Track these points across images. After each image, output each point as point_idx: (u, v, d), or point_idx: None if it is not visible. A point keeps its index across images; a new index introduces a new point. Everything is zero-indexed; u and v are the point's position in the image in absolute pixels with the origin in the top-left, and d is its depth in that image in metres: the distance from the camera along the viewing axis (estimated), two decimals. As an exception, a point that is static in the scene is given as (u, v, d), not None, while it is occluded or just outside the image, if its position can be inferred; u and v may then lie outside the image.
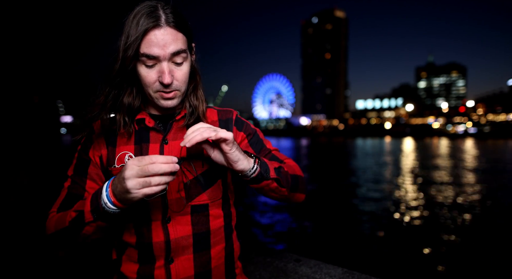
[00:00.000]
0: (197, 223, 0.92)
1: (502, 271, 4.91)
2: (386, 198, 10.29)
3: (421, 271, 4.94)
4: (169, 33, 0.82)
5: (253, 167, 0.84)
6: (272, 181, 0.88)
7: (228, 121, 1.03)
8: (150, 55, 0.81)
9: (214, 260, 0.95)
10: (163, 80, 0.83)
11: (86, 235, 0.80)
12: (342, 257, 5.46)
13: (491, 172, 16.40)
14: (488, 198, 10.13)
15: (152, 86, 0.86)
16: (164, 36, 0.81)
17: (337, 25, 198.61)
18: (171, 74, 0.85)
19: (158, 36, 0.81)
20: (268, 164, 0.89)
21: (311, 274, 1.33)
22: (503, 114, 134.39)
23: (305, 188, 1.03)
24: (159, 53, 0.81)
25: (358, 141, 68.45)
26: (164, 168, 0.68)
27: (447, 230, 6.88)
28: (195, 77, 0.97)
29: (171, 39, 0.82)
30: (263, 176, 0.86)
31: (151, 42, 0.80)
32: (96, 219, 0.75)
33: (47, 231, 0.87)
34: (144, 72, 0.84)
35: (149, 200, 0.86)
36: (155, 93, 0.87)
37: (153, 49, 0.81)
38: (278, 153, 1.06)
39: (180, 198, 0.90)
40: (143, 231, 0.90)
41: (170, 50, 0.82)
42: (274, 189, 0.90)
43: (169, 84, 0.84)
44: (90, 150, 0.94)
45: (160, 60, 0.83)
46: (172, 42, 0.82)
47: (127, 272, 0.92)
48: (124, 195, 0.70)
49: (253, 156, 0.85)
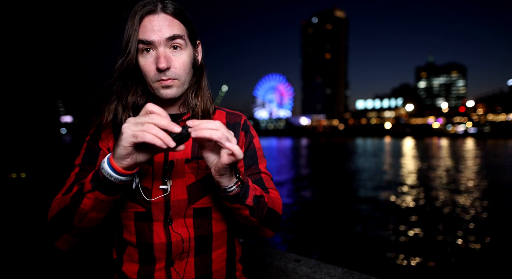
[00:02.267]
0: (199, 226, 0.91)
1: (502, 271, 4.91)
2: (386, 198, 10.29)
3: (421, 271, 4.94)
4: (164, 19, 0.83)
5: (231, 186, 0.78)
6: (245, 208, 0.83)
7: (236, 126, 1.01)
8: (145, 40, 0.82)
9: (215, 263, 0.94)
10: (158, 65, 0.83)
11: (82, 213, 0.76)
12: (342, 257, 5.46)
13: (491, 172, 16.41)
14: (488, 198, 10.14)
15: (151, 75, 0.86)
16: (159, 21, 0.82)
17: (337, 25, 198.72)
18: (167, 60, 0.84)
19: (153, 22, 0.82)
20: (250, 189, 0.83)
21: (311, 274, 1.33)
22: (503, 114, 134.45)
23: (278, 225, 0.97)
24: (154, 38, 0.82)
25: (358, 141, 68.47)
26: (160, 120, 0.64)
27: (447, 230, 6.88)
28: (199, 75, 0.97)
29: (166, 25, 0.83)
30: (238, 199, 0.81)
31: (146, 28, 0.82)
32: (95, 187, 0.73)
33: (48, 217, 0.84)
34: (142, 61, 0.85)
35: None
36: (155, 83, 0.87)
37: (148, 34, 0.82)
38: (267, 178, 1.02)
39: (183, 200, 0.89)
40: (144, 230, 0.89)
41: (165, 35, 0.82)
42: (243, 216, 0.85)
43: (165, 69, 0.83)
44: (100, 141, 0.94)
45: (156, 46, 0.83)
46: (168, 27, 0.83)
47: (128, 272, 0.91)
48: (119, 149, 0.67)
49: (238, 176, 0.80)
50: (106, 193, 0.74)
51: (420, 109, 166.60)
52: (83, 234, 0.82)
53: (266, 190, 0.98)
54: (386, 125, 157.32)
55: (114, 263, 0.96)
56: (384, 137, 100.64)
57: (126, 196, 0.88)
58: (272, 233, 0.97)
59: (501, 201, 9.62)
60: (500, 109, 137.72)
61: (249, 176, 0.99)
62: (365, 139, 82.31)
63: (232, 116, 1.03)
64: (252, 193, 0.84)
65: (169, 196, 0.88)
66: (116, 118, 0.91)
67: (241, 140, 1.00)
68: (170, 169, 0.90)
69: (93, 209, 0.76)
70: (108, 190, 0.74)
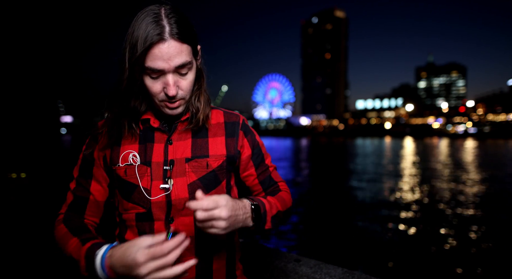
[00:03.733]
0: None
1: (502, 272, 4.91)
2: (386, 198, 10.30)
3: (421, 271, 4.94)
4: (173, 46, 0.81)
5: (250, 228, 0.86)
6: (264, 231, 0.90)
7: (235, 125, 1.03)
8: (155, 69, 0.81)
9: (215, 262, 0.95)
10: (168, 92, 0.84)
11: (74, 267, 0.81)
12: (342, 257, 5.46)
13: (491, 172, 16.41)
14: (488, 198, 10.14)
15: (158, 96, 0.86)
16: (168, 50, 0.81)
17: (337, 25, 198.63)
18: (176, 85, 0.85)
19: (162, 50, 0.80)
20: (267, 213, 0.89)
21: (311, 274, 1.33)
22: (503, 114, 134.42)
23: (290, 216, 1.06)
24: (163, 66, 0.81)
25: (358, 141, 68.45)
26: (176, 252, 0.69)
27: (447, 230, 6.88)
28: (200, 80, 0.97)
29: (176, 52, 0.82)
30: (258, 229, 0.88)
31: (155, 56, 0.80)
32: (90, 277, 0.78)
33: (55, 235, 0.91)
34: (149, 83, 0.85)
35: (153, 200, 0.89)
36: (161, 102, 0.88)
37: (157, 62, 0.81)
38: (274, 172, 1.08)
39: (184, 199, 0.90)
40: (145, 230, 0.90)
41: (175, 64, 0.82)
42: (259, 232, 0.91)
43: (174, 96, 0.85)
44: (95, 150, 0.95)
45: (164, 73, 0.83)
46: (177, 55, 0.82)
47: None
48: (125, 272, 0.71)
49: (254, 217, 0.85)
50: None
51: (420, 109, 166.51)
52: None
53: (276, 185, 1.05)
54: (386, 125, 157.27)
55: None
56: (384, 137, 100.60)
57: (127, 198, 0.90)
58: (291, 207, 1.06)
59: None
60: (500, 109, 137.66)
61: (259, 174, 1.04)
62: (365, 139, 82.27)
63: (230, 115, 1.05)
64: (269, 216, 0.89)
65: (171, 195, 0.90)
66: (114, 121, 0.91)
67: (240, 139, 1.02)
68: (171, 168, 0.91)
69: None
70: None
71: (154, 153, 0.92)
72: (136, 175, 0.90)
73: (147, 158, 0.91)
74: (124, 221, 0.93)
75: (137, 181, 0.89)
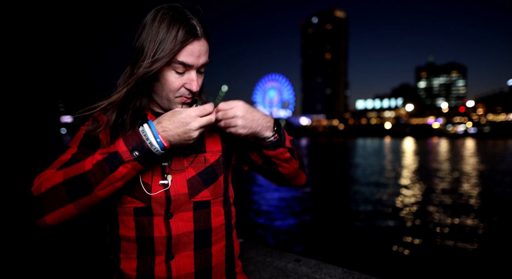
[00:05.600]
0: (198, 219, 0.93)
1: (502, 272, 4.91)
2: (386, 198, 10.29)
3: (420, 271, 4.94)
4: (203, 45, 0.87)
5: (270, 136, 0.90)
6: (287, 150, 0.93)
7: None
8: (187, 64, 0.85)
9: (214, 258, 0.96)
10: (191, 88, 0.87)
11: (111, 181, 0.78)
12: (342, 257, 5.46)
13: (490, 171, 16.41)
14: (487, 198, 10.14)
15: (176, 91, 0.88)
16: (200, 48, 0.86)
17: (337, 25, 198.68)
18: (198, 84, 0.90)
19: (196, 47, 0.85)
20: (285, 134, 0.95)
21: (311, 274, 1.34)
22: (503, 114, 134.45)
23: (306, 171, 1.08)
24: (193, 62, 0.85)
25: (358, 141, 68.43)
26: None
27: (447, 230, 6.88)
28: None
29: (204, 51, 0.87)
30: (280, 142, 0.91)
31: (190, 52, 0.84)
32: (137, 158, 0.77)
33: (36, 192, 0.80)
34: (172, 78, 0.87)
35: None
36: (176, 98, 0.90)
37: (190, 58, 0.85)
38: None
39: (183, 194, 0.91)
40: (144, 225, 0.89)
41: (202, 61, 0.87)
42: (287, 159, 0.95)
43: (196, 92, 0.90)
44: (100, 133, 0.93)
45: (190, 69, 0.87)
46: (205, 54, 0.88)
47: (126, 269, 0.92)
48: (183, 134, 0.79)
49: (274, 125, 0.91)
50: (144, 164, 0.79)
51: (420, 109, 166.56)
52: (85, 208, 0.81)
53: None
54: (386, 125, 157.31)
55: (112, 262, 0.97)
56: (384, 137, 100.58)
57: (125, 191, 0.89)
58: (305, 176, 1.08)
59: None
60: (500, 109, 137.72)
61: None
62: (365, 139, 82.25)
63: None
64: (287, 137, 0.96)
65: (170, 190, 0.90)
66: (117, 118, 0.91)
67: None
68: (169, 164, 0.92)
69: (123, 178, 0.79)
70: (147, 161, 0.79)
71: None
72: None
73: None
74: (119, 214, 0.92)
75: (138, 175, 0.89)
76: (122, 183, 0.80)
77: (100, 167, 0.77)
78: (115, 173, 0.77)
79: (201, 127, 0.79)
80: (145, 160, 0.78)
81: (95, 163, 0.78)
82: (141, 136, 0.78)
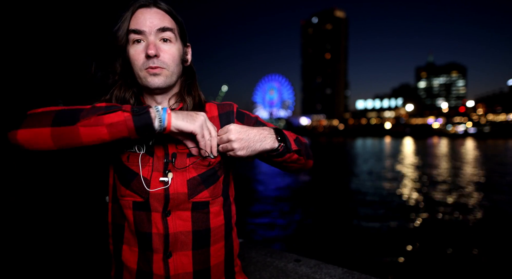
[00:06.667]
0: (197, 220, 0.92)
1: (502, 272, 4.92)
2: (386, 198, 10.30)
3: (421, 271, 4.95)
4: (156, 12, 0.89)
5: (276, 148, 0.91)
6: (293, 153, 0.95)
7: (230, 114, 1.04)
8: (137, 30, 0.87)
9: (213, 258, 0.95)
10: (148, 51, 0.86)
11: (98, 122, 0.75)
12: (342, 257, 5.47)
13: (490, 171, 16.41)
14: (487, 199, 10.15)
15: (140, 63, 0.88)
16: (151, 14, 0.88)
17: (337, 25, 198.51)
18: (157, 48, 0.87)
19: (145, 14, 0.88)
20: (288, 136, 0.95)
21: (311, 274, 1.34)
22: (503, 114, 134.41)
23: (312, 154, 1.09)
24: (144, 28, 0.87)
25: (358, 141, 68.42)
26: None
27: (447, 230, 6.89)
28: (191, 76, 1.02)
29: (158, 18, 0.89)
30: (286, 150, 0.93)
31: (138, 19, 0.87)
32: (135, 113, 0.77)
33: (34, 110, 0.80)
34: (132, 51, 0.89)
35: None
36: (143, 72, 0.89)
37: (140, 24, 0.87)
38: (290, 133, 1.08)
39: (182, 193, 0.90)
40: (143, 220, 0.89)
41: (156, 26, 0.87)
42: (294, 160, 0.97)
43: (153, 55, 0.86)
44: None
45: (146, 36, 0.88)
46: (159, 20, 0.88)
47: (128, 261, 0.92)
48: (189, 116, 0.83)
49: (276, 135, 0.92)
50: (137, 124, 0.77)
51: (420, 109, 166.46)
52: (60, 142, 0.76)
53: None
54: (386, 125, 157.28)
55: (113, 253, 0.97)
56: (384, 137, 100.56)
57: (125, 185, 0.90)
58: (312, 162, 1.10)
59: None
60: (500, 109, 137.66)
61: None
62: (365, 139, 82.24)
63: (223, 106, 1.05)
64: (291, 139, 0.96)
65: (169, 188, 0.89)
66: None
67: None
68: (172, 162, 0.91)
69: (111, 126, 0.75)
70: (142, 124, 0.77)
71: (156, 144, 0.92)
72: (138, 163, 0.90)
73: (150, 148, 0.91)
74: (120, 207, 0.93)
75: (138, 169, 0.89)
76: (107, 131, 0.75)
77: (97, 108, 0.77)
78: (106, 116, 0.75)
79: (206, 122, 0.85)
80: (140, 121, 0.76)
81: (94, 105, 0.79)
82: (149, 107, 0.79)
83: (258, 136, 0.87)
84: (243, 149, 0.85)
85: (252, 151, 0.87)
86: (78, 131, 0.75)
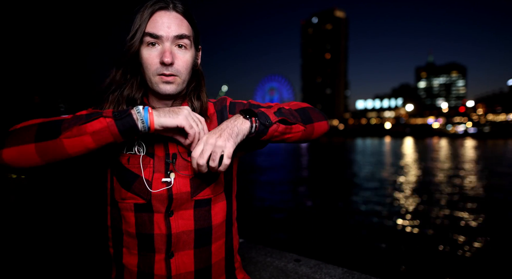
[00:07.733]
0: (199, 218, 0.92)
1: (502, 272, 4.91)
2: (386, 199, 10.30)
3: (420, 271, 4.94)
4: (175, 17, 0.86)
5: (250, 125, 0.85)
6: (278, 124, 0.89)
7: (223, 110, 1.03)
8: (154, 34, 0.83)
9: (214, 255, 0.95)
10: (163, 58, 0.84)
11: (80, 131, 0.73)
12: (342, 257, 5.46)
13: (489, 172, 16.41)
14: (487, 199, 10.14)
15: (153, 68, 0.86)
16: (169, 19, 0.85)
17: (337, 25, 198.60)
18: (172, 56, 0.85)
19: (163, 18, 0.85)
20: (265, 112, 0.89)
21: (311, 274, 1.34)
22: (503, 114, 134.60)
23: (321, 114, 1.02)
24: (162, 33, 0.84)
25: (358, 141, 68.45)
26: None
27: (447, 230, 6.89)
28: (199, 79, 0.99)
29: (176, 23, 0.86)
30: (265, 125, 0.86)
31: (156, 22, 0.84)
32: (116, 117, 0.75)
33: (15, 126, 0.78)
34: (146, 54, 0.86)
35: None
36: (155, 77, 0.87)
37: (157, 28, 0.84)
38: (278, 104, 1.02)
39: (185, 193, 0.90)
40: (145, 221, 0.89)
41: (174, 32, 0.85)
42: (285, 131, 0.91)
43: (169, 64, 0.84)
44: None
45: (162, 41, 0.85)
46: (177, 26, 0.85)
47: (128, 264, 0.91)
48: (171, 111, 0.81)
49: (244, 115, 0.87)
50: (121, 127, 0.75)
51: (420, 109, 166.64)
52: (47, 156, 0.74)
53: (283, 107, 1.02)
54: (386, 125, 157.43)
55: (113, 256, 0.96)
56: (384, 137, 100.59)
57: (126, 187, 0.89)
58: (323, 123, 1.01)
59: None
60: (500, 109, 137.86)
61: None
62: (365, 139, 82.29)
63: (219, 103, 1.05)
64: (269, 112, 0.90)
65: (172, 189, 0.89)
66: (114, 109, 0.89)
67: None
68: (174, 162, 0.90)
69: (94, 134, 0.74)
70: (126, 126, 0.75)
71: (155, 145, 0.91)
72: (140, 165, 0.88)
73: (150, 149, 0.90)
74: (120, 209, 0.91)
75: (140, 171, 0.88)
76: (92, 139, 0.74)
77: (78, 117, 0.75)
78: (88, 124, 0.73)
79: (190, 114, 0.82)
80: (124, 125, 0.75)
81: (75, 114, 0.77)
82: (131, 108, 0.78)
83: (229, 129, 0.83)
84: (220, 147, 0.80)
85: (234, 143, 0.82)
86: (63, 144, 0.73)
